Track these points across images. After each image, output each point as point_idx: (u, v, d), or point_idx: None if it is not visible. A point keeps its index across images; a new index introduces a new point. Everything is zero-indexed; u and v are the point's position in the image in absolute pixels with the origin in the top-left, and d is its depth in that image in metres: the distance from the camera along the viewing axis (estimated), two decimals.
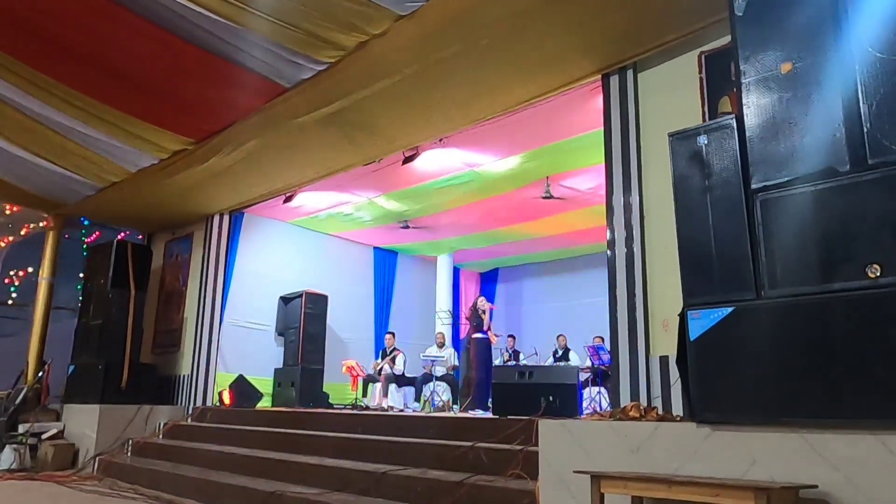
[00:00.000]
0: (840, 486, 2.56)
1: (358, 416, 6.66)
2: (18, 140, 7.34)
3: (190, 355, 9.12)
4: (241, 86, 5.92)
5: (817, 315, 2.75)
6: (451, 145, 7.21)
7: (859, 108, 2.79)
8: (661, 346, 4.55)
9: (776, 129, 3.03)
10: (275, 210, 9.66)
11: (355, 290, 11.49)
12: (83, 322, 9.09)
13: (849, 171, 2.78)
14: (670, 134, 3.45)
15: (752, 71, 3.14)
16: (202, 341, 9.01)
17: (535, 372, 6.00)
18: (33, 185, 8.64)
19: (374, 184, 8.57)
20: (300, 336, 9.72)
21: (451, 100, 5.98)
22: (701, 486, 2.72)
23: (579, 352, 9.87)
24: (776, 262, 2.92)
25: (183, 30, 5.21)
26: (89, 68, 5.96)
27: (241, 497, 5.24)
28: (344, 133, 6.67)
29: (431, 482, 4.48)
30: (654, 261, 4.75)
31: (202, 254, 9.44)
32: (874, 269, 2.64)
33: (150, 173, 7.90)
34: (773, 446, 2.77)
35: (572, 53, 5.18)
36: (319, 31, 5.03)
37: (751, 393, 2.88)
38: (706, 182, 3.23)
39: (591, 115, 5.88)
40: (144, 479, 6.54)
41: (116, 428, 8.00)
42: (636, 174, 4.97)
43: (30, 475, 7.25)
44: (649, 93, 5.07)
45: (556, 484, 3.51)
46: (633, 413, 3.54)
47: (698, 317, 3.09)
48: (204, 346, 8.98)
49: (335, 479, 5.07)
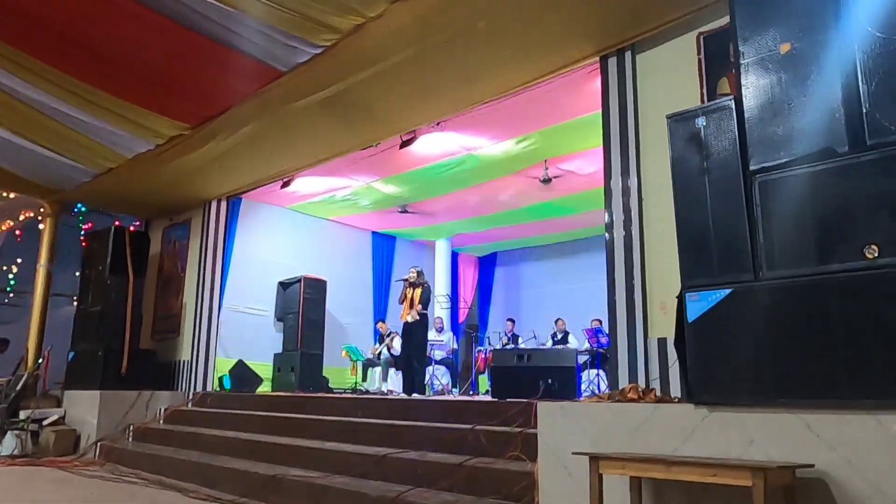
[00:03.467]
0: (837, 465, 2.58)
1: (358, 400, 6.69)
2: (14, 126, 7.29)
3: (189, 341, 9.14)
4: (237, 70, 5.88)
5: (815, 296, 2.75)
6: (449, 129, 7.18)
7: (858, 89, 2.77)
8: (659, 328, 4.56)
9: (775, 111, 3.01)
10: (272, 195, 9.64)
11: (354, 275, 11.49)
12: (82, 309, 9.10)
13: (847, 152, 2.77)
14: (668, 116, 3.43)
15: (751, 52, 3.12)
16: (201, 327, 9.04)
17: (533, 355, 6.02)
18: (29, 171, 8.61)
19: (371, 168, 8.54)
20: (299, 321, 9.74)
21: (448, 83, 5.95)
22: (699, 467, 2.73)
23: (577, 335, 9.90)
24: (774, 243, 2.92)
25: (178, 14, 5.16)
26: (84, 53, 5.91)
27: (241, 481, 5.28)
28: (341, 117, 6.63)
29: (431, 464, 4.51)
30: (652, 243, 4.75)
31: (200, 239, 9.43)
32: (872, 249, 2.64)
33: (146, 159, 7.87)
34: (771, 427, 2.78)
35: (570, 36, 5.14)
36: (315, 13, 4.98)
37: (748, 374, 2.89)
38: (704, 164, 3.22)
39: (589, 97, 5.85)
40: (146, 464, 6.58)
41: (117, 413, 8.03)
42: (634, 156, 4.96)
43: (32, 461, 7.29)
44: (647, 74, 5.04)
45: (555, 465, 3.54)
46: (632, 395, 3.56)
47: (696, 299, 3.09)
48: (203, 332, 9.00)
49: (335, 462, 5.10)
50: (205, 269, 9.22)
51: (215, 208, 9.40)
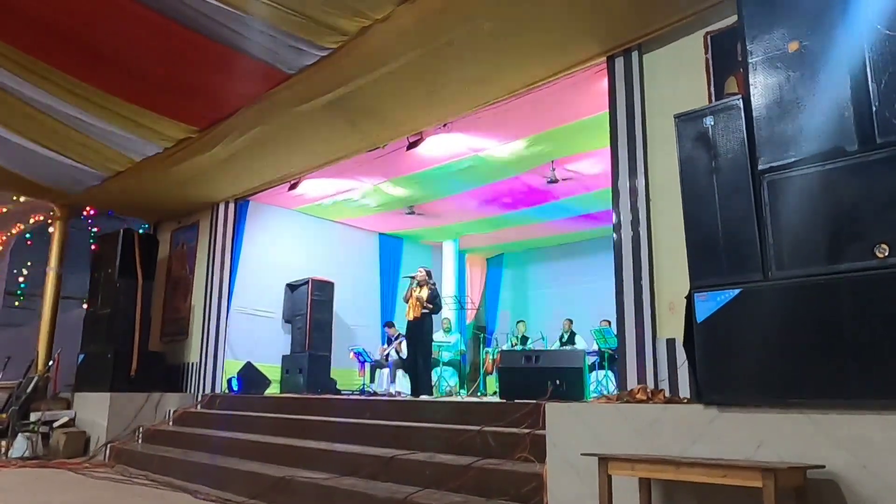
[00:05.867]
0: (848, 466, 2.56)
1: (366, 402, 6.70)
2: (24, 130, 7.35)
3: (198, 343, 9.18)
4: (244, 73, 5.90)
5: (825, 296, 2.73)
6: (456, 130, 7.17)
7: (868, 87, 2.74)
8: (667, 328, 4.54)
9: (783, 109, 2.99)
10: (280, 197, 9.66)
11: (361, 277, 11.50)
12: (91, 311, 9.16)
13: (857, 151, 2.75)
14: (676, 115, 3.42)
15: (759, 50, 3.10)
16: (210, 329, 9.07)
17: (541, 356, 6.02)
18: (39, 175, 8.67)
19: (378, 170, 8.55)
20: (307, 323, 9.77)
21: (455, 84, 5.95)
22: (709, 468, 2.72)
23: (585, 335, 9.87)
24: (783, 243, 2.90)
25: (185, 17, 5.19)
26: (92, 58, 5.95)
27: (250, 482, 5.29)
28: (348, 119, 6.64)
29: (439, 466, 4.50)
30: (660, 243, 4.73)
31: (208, 242, 9.47)
32: (882, 248, 2.62)
33: (155, 162, 7.91)
34: (781, 427, 2.77)
35: (577, 36, 5.14)
36: (321, 15, 5.00)
37: (758, 374, 2.87)
38: (713, 163, 3.21)
39: (596, 97, 5.83)
40: (155, 466, 6.61)
41: (127, 415, 8.08)
42: (642, 157, 4.94)
43: (42, 463, 7.34)
44: (655, 74, 5.02)
45: (564, 466, 3.53)
46: (641, 396, 3.55)
47: (705, 299, 3.08)
48: (212, 334, 9.03)
49: (344, 464, 5.11)
50: (213, 271, 9.26)
51: (223, 211, 9.44)
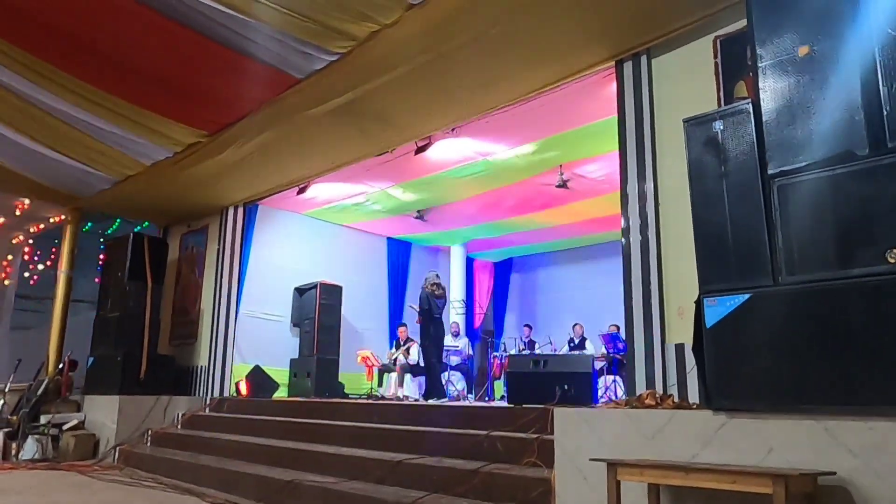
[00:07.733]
0: (859, 472, 2.54)
1: (373, 406, 6.70)
2: (35, 134, 7.41)
3: (207, 346, 9.21)
4: (254, 78, 5.93)
5: (835, 301, 2.72)
6: (464, 134, 7.18)
7: (879, 91, 2.73)
8: (676, 333, 4.52)
9: (793, 114, 2.98)
10: (289, 202, 9.70)
11: (369, 281, 11.52)
12: (101, 314, 9.21)
13: (868, 155, 2.74)
14: (685, 120, 3.42)
15: (769, 54, 3.10)
16: (218, 332, 9.10)
17: (549, 361, 6.00)
18: (50, 179, 8.74)
19: (387, 174, 8.56)
20: (315, 326, 9.78)
21: (463, 89, 5.96)
22: (718, 474, 2.70)
23: (594, 340, 9.84)
24: (793, 248, 2.89)
25: (195, 22, 5.22)
26: (103, 62, 5.99)
27: (258, 485, 5.30)
28: (356, 124, 6.66)
29: (447, 470, 4.49)
30: (669, 248, 4.71)
31: (217, 246, 9.50)
32: (894, 253, 2.60)
33: (164, 166, 7.96)
34: (791, 433, 2.75)
35: (585, 40, 5.13)
36: (331, 21, 5.02)
37: (768, 380, 2.86)
38: (722, 168, 3.20)
39: (604, 102, 5.82)
40: (164, 469, 6.62)
41: (136, 418, 8.11)
42: (651, 161, 4.92)
43: (52, 465, 7.38)
44: (663, 79, 5.01)
45: (572, 472, 3.52)
46: (649, 401, 3.53)
47: (714, 304, 3.07)
48: (220, 338, 9.06)
49: (351, 467, 5.11)
50: (222, 275, 9.29)
51: (232, 215, 9.48)
